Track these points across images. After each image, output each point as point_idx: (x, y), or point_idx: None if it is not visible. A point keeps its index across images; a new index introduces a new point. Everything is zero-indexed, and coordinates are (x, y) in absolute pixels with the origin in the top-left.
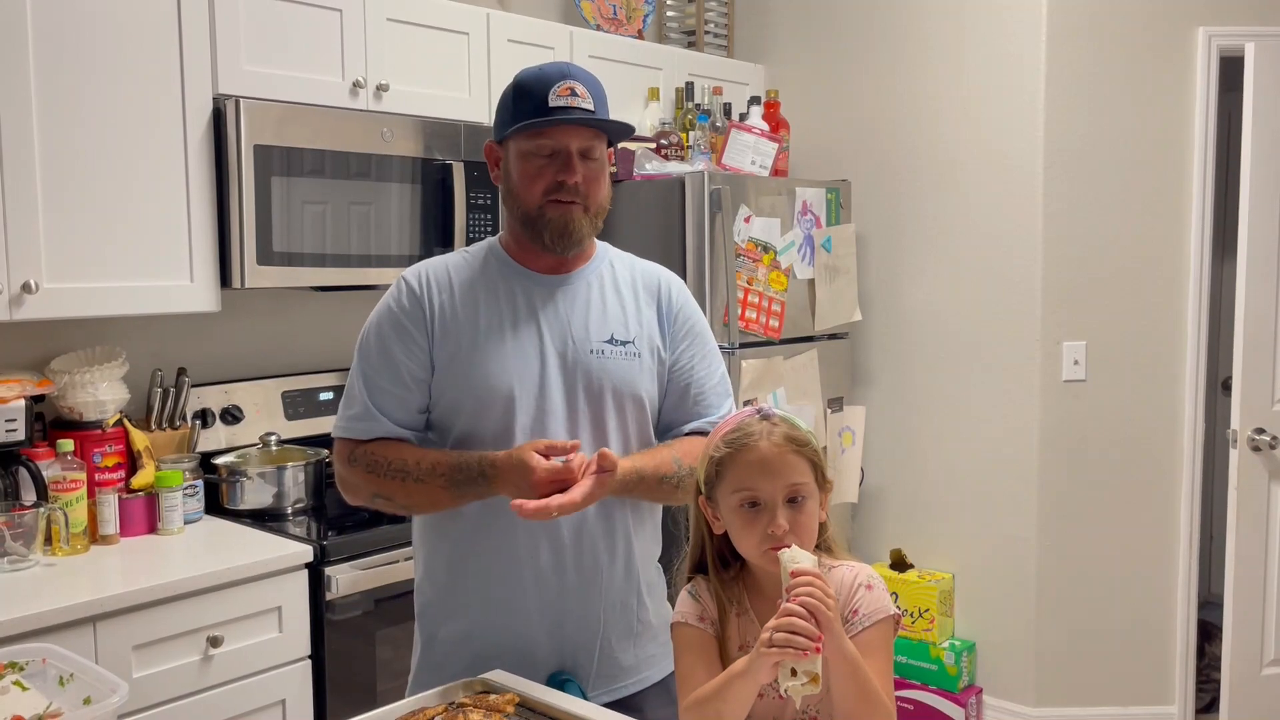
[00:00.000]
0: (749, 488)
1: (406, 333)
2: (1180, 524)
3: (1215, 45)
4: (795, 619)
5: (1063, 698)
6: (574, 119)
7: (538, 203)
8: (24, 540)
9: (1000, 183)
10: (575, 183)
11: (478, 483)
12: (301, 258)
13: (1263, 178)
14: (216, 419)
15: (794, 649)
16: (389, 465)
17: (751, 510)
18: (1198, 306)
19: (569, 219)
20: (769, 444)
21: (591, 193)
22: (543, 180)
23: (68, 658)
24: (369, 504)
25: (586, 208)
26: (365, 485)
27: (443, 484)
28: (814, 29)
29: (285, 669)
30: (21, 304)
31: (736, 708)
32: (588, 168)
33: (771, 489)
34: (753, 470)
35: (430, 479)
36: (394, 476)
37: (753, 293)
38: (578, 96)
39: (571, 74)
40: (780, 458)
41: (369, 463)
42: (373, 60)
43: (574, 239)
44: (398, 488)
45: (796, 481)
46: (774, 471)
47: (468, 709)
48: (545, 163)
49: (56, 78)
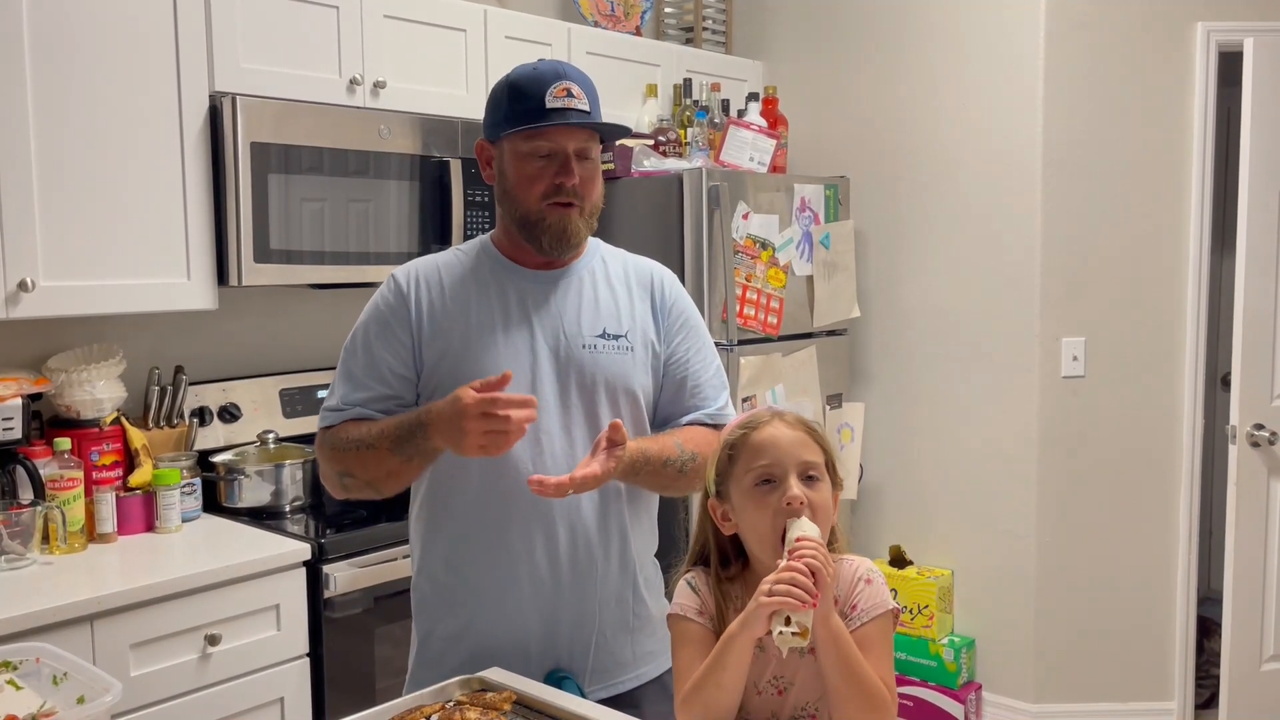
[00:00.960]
0: (763, 463)
1: (390, 330)
2: (1179, 520)
3: (1214, 41)
4: (797, 574)
5: (1062, 694)
6: (572, 122)
7: (537, 206)
8: (21, 539)
9: (999, 178)
10: (573, 185)
11: (415, 435)
12: (298, 255)
13: (1262, 173)
14: (214, 417)
15: (793, 600)
16: (347, 440)
17: (765, 487)
18: (1197, 302)
19: (567, 223)
20: (781, 423)
21: (588, 194)
22: (541, 182)
23: (61, 657)
24: (341, 490)
25: (583, 209)
26: (331, 466)
27: (389, 445)
28: (813, 25)
29: (283, 667)
30: (18, 302)
31: (735, 673)
32: (584, 168)
33: (784, 464)
34: (766, 447)
35: (379, 443)
36: (350, 449)
37: (751, 289)
38: (574, 98)
39: (566, 74)
40: (792, 434)
41: (333, 442)
42: (370, 57)
43: (571, 243)
44: (354, 460)
45: (811, 460)
46: (785, 446)
47: (464, 707)
48: (543, 164)
49: (52, 76)
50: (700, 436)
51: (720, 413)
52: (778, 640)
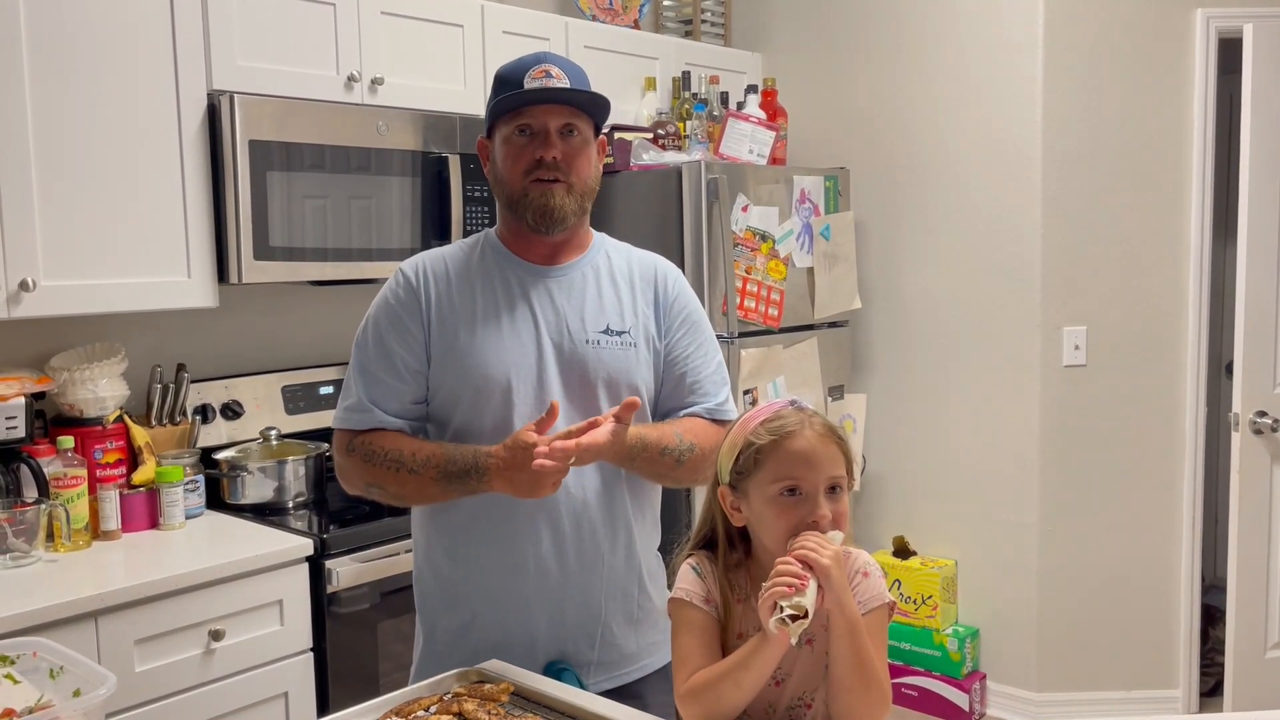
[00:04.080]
0: (792, 476)
1: (402, 324)
2: (1183, 508)
3: (1214, 27)
4: (786, 568)
5: (1066, 682)
6: (546, 95)
7: (520, 183)
8: (26, 537)
9: (999, 168)
10: (554, 158)
11: (469, 475)
12: (298, 252)
13: (1262, 160)
14: (217, 414)
15: (782, 587)
16: (385, 455)
17: (790, 498)
18: (1198, 290)
19: (550, 197)
20: (813, 433)
21: (574, 169)
22: (524, 159)
23: (58, 651)
24: (364, 493)
25: (570, 186)
26: (360, 474)
27: (434, 475)
28: (811, 17)
29: (287, 662)
30: (19, 302)
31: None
32: (568, 144)
33: (815, 479)
34: (797, 460)
35: (424, 470)
36: (389, 466)
37: (751, 281)
38: (553, 78)
39: (547, 59)
40: (824, 448)
41: (366, 452)
42: (367, 54)
43: (556, 218)
44: (391, 478)
45: (837, 474)
46: (818, 462)
47: (462, 698)
48: (525, 142)
49: (51, 76)
50: (699, 428)
51: (720, 408)
52: (773, 628)
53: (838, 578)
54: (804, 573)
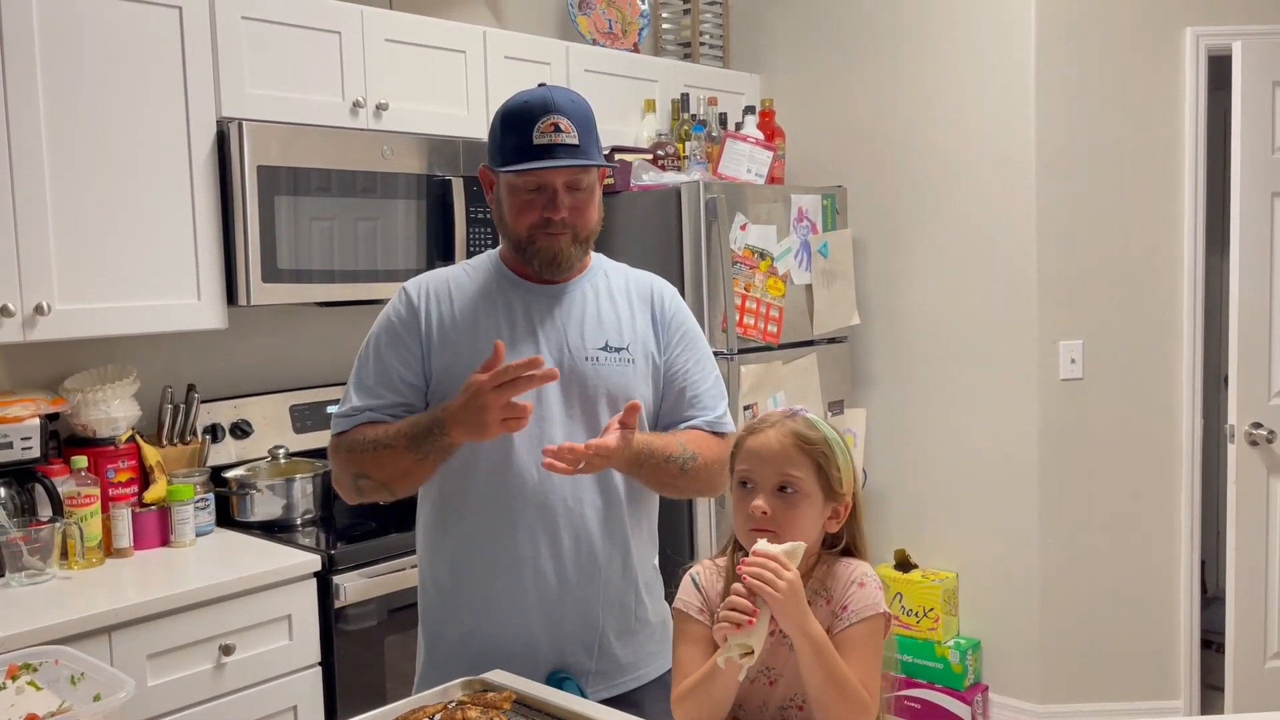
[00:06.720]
0: (744, 467)
1: (400, 340)
2: (1181, 519)
3: (1203, 45)
4: (735, 596)
5: (1068, 693)
6: (557, 163)
7: (527, 234)
8: (41, 554)
9: (994, 184)
10: (561, 218)
11: (431, 432)
12: (306, 274)
13: (1252, 174)
14: (226, 433)
15: (729, 624)
16: (364, 441)
17: (742, 490)
18: (1193, 302)
19: (557, 249)
20: (775, 432)
21: (580, 222)
22: (530, 215)
23: (78, 658)
24: (356, 492)
25: (576, 234)
26: (347, 467)
27: (405, 444)
28: (808, 38)
29: (296, 676)
30: (35, 325)
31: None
32: (575, 198)
33: (763, 473)
34: (750, 454)
35: (396, 442)
36: (367, 450)
37: (750, 299)
38: (561, 132)
39: (554, 105)
40: (780, 446)
41: (349, 444)
42: (372, 80)
43: (562, 267)
44: (370, 460)
45: (790, 472)
46: (768, 457)
47: (465, 706)
48: (532, 197)
49: (65, 105)
50: (701, 440)
51: (719, 420)
52: (721, 663)
53: (792, 603)
54: (752, 608)
